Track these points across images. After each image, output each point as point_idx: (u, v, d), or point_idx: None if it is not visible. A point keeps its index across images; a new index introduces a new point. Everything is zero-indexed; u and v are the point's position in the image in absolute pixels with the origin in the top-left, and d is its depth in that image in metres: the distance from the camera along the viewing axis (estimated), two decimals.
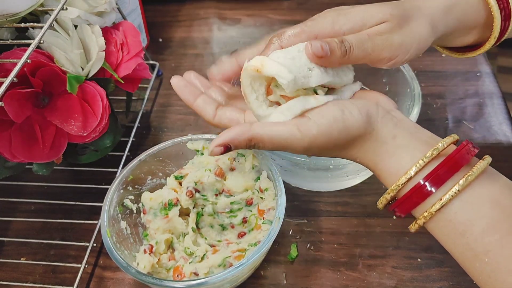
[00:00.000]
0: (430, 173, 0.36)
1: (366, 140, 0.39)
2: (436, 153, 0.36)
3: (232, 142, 0.39)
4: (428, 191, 0.35)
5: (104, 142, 0.56)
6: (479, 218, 0.34)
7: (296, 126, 0.39)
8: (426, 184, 0.35)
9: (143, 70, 0.59)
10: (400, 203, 0.37)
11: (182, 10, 0.91)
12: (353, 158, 0.41)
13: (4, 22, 0.47)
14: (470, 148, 0.36)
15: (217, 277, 0.42)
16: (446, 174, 0.35)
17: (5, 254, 0.56)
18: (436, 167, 0.35)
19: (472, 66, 0.74)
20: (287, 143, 0.39)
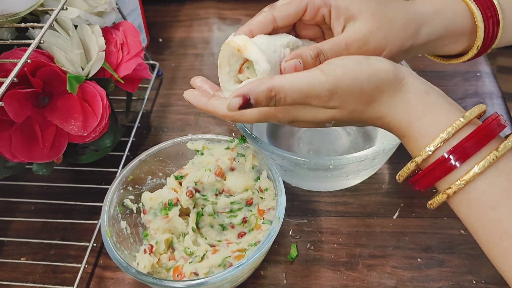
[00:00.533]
0: (457, 145, 0.34)
1: (398, 89, 0.36)
2: (467, 121, 0.34)
3: (251, 93, 0.35)
4: (452, 165, 0.34)
5: (104, 142, 0.56)
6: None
7: (319, 69, 0.36)
8: (450, 158, 0.33)
9: (143, 70, 0.59)
10: (423, 175, 0.35)
11: (182, 10, 0.91)
12: (383, 118, 0.37)
13: (4, 22, 0.47)
14: (501, 121, 0.34)
15: (217, 277, 0.42)
16: (474, 146, 0.33)
17: (5, 254, 0.56)
18: (464, 138, 0.33)
19: (472, 66, 0.74)
20: (309, 88, 0.35)
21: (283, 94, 0.35)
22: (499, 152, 0.33)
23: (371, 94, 0.36)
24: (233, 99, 0.35)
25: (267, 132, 0.63)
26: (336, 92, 0.35)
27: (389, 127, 0.38)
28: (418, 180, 0.36)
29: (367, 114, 0.37)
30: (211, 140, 0.53)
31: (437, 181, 0.35)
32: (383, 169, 0.61)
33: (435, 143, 0.34)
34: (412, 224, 0.55)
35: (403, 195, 0.58)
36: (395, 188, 0.59)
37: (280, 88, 0.35)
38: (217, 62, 0.43)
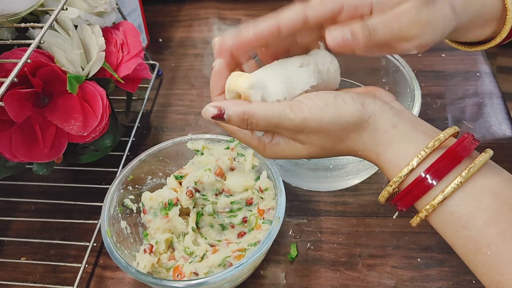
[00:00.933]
0: (431, 165, 0.35)
1: (363, 128, 0.38)
2: (438, 144, 0.35)
3: (228, 109, 0.38)
4: (430, 184, 0.35)
5: (104, 142, 0.56)
6: (482, 210, 0.34)
7: (289, 106, 0.38)
8: (427, 177, 0.35)
9: (143, 70, 0.59)
10: (402, 196, 0.37)
11: (182, 10, 0.91)
12: (353, 152, 0.40)
13: (4, 22, 0.47)
14: (471, 140, 0.36)
15: (217, 276, 0.42)
16: (447, 166, 0.35)
17: (5, 254, 0.56)
18: (437, 159, 0.35)
19: (472, 66, 0.74)
20: (279, 121, 0.38)
21: (255, 120, 0.38)
22: (468, 173, 0.34)
23: (337, 135, 0.38)
24: (210, 107, 0.38)
25: None
26: (302, 130, 0.38)
27: (362, 157, 0.40)
28: (399, 200, 0.37)
29: (338, 149, 0.40)
30: (211, 140, 0.53)
31: (416, 201, 0.36)
32: None
33: (402, 173, 0.36)
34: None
35: None
36: None
37: (253, 114, 0.38)
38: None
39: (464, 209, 0.34)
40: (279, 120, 0.37)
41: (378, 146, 0.38)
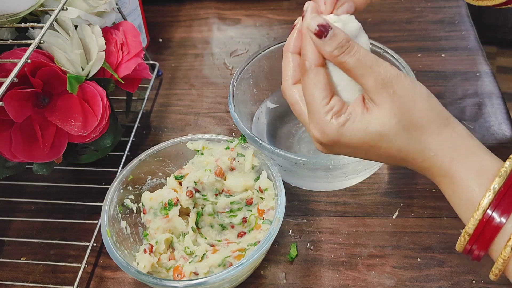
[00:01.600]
0: (496, 200, 0.32)
1: (444, 125, 0.35)
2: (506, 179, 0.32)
3: (335, 29, 0.35)
4: (498, 222, 0.31)
5: (104, 142, 0.56)
6: None
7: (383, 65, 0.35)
8: (494, 216, 0.31)
9: (143, 70, 0.59)
10: (476, 239, 0.33)
11: (182, 10, 0.91)
12: (427, 149, 0.35)
13: (4, 22, 0.47)
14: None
15: (217, 276, 0.42)
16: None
17: (5, 254, 0.56)
18: (500, 192, 0.32)
19: (472, 66, 0.74)
20: (377, 63, 0.35)
21: (355, 51, 0.35)
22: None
23: (421, 116, 0.35)
24: (315, 18, 0.35)
25: (267, 132, 0.63)
26: (393, 84, 0.34)
27: (430, 162, 0.36)
28: (476, 243, 0.33)
29: (413, 137, 0.35)
30: (211, 140, 0.53)
31: (490, 245, 0.33)
32: (383, 169, 0.61)
33: (487, 198, 0.32)
34: (411, 224, 0.55)
35: (402, 195, 0.58)
36: (394, 188, 0.59)
37: (356, 45, 0.35)
38: (216, 62, 0.43)
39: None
40: (377, 62, 0.35)
41: (455, 150, 0.35)
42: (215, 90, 0.74)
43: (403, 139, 0.35)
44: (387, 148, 0.36)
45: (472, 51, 0.76)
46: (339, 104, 0.36)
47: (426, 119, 0.35)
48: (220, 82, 0.75)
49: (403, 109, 0.35)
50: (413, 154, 0.36)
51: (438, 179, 0.36)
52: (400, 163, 0.37)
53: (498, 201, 0.31)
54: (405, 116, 0.35)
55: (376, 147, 0.36)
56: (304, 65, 0.37)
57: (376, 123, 0.35)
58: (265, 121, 0.64)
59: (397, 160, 0.37)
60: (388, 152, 0.36)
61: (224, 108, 0.71)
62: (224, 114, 0.70)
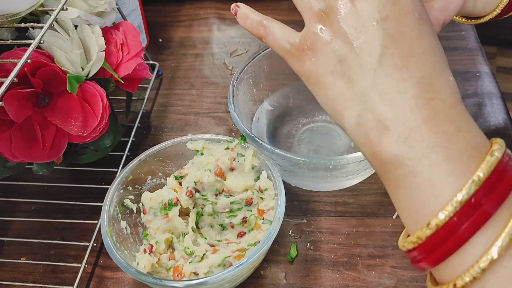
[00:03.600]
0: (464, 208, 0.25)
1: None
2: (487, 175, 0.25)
3: None
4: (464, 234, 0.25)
5: (104, 142, 0.56)
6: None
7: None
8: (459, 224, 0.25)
9: (143, 70, 0.59)
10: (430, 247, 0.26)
11: (182, 10, 0.91)
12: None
13: (4, 22, 0.47)
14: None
15: (217, 276, 0.42)
16: (488, 211, 0.25)
17: (5, 254, 0.56)
18: (474, 199, 0.25)
19: (471, 66, 0.74)
20: None
21: None
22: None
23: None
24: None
25: (267, 132, 0.63)
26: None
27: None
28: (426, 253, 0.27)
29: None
30: (211, 140, 0.53)
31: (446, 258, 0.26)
32: None
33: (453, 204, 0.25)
34: None
35: None
36: None
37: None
38: (216, 62, 0.43)
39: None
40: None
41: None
42: (215, 90, 0.74)
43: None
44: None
45: (472, 51, 0.76)
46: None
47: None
48: (220, 82, 0.75)
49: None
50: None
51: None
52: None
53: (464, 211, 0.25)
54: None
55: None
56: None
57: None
58: (265, 121, 0.64)
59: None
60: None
61: (224, 108, 0.71)
62: (224, 114, 0.70)
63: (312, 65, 0.33)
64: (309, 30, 0.33)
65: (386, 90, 0.28)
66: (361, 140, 0.30)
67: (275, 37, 0.36)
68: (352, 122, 0.30)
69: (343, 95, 0.31)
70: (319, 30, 0.32)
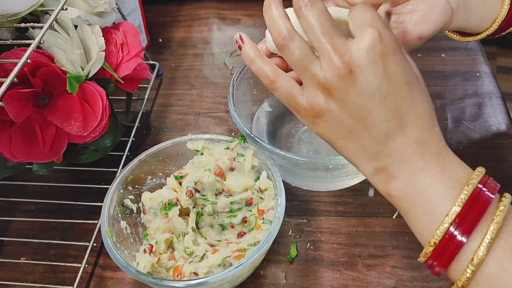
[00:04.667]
0: (458, 218, 0.33)
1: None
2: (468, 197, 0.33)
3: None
4: (460, 241, 0.33)
5: (104, 142, 0.56)
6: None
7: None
8: (455, 234, 0.33)
9: (143, 70, 0.59)
10: (438, 254, 0.34)
11: (182, 10, 0.91)
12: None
13: (4, 22, 0.47)
14: (493, 186, 0.34)
15: (217, 276, 0.42)
16: (475, 218, 0.33)
17: (5, 254, 0.56)
18: (462, 210, 0.33)
19: (472, 66, 0.74)
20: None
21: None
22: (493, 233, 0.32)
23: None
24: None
25: (267, 132, 0.63)
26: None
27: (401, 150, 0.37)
28: (437, 259, 0.35)
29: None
30: (211, 140, 0.53)
31: (451, 262, 0.34)
32: None
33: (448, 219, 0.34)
34: None
35: None
36: None
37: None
38: (216, 62, 0.43)
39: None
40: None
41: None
42: (215, 90, 0.74)
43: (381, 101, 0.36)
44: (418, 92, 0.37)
45: (472, 51, 0.76)
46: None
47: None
48: (220, 82, 0.75)
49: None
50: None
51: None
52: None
53: (459, 221, 0.33)
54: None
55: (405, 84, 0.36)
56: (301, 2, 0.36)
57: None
58: (265, 121, 0.64)
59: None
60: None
61: (224, 108, 0.71)
62: (224, 114, 0.70)
63: (322, 130, 0.38)
64: (314, 99, 0.37)
65: (391, 151, 0.36)
66: (376, 184, 0.38)
67: (281, 93, 0.39)
68: (368, 172, 0.38)
69: (357, 154, 0.38)
70: (324, 101, 0.36)
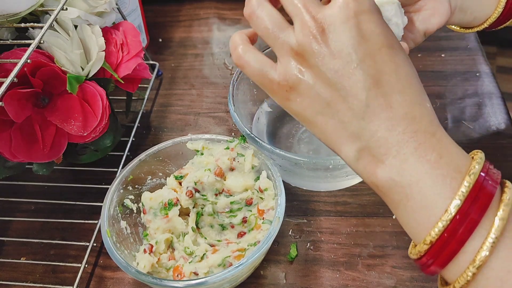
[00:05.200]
0: (460, 210, 0.28)
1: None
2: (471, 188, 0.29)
3: None
4: (463, 235, 0.28)
5: (104, 142, 0.56)
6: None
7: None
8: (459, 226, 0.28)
9: (143, 70, 0.59)
10: (437, 251, 0.29)
11: (182, 10, 0.91)
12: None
13: (4, 22, 0.47)
14: (496, 175, 0.30)
15: (217, 276, 0.42)
16: (480, 212, 0.28)
17: (5, 254, 0.56)
18: (465, 202, 0.28)
19: (472, 66, 0.74)
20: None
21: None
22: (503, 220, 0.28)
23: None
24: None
25: (267, 132, 0.63)
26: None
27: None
28: (434, 257, 0.30)
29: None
30: (211, 140, 0.53)
31: (449, 262, 0.29)
32: None
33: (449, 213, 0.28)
34: None
35: None
36: None
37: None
38: (216, 62, 0.43)
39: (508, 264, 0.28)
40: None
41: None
42: (215, 90, 0.74)
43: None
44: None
45: (472, 51, 0.76)
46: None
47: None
48: (220, 82, 0.75)
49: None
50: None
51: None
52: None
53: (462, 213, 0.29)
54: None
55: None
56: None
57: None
58: (265, 121, 0.64)
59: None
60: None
61: (224, 108, 0.71)
62: (224, 114, 0.70)
63: (298, 106, 0.33)
64: (288, 70, 0.33)
65: (377, 129, 0.31)
66: (360, 171, 0.33)
67: (251, 70, 0.35)
68: (350, 156, 0.32)
69: (336, 134, 0.32)
70: (298, 71, 0.32)
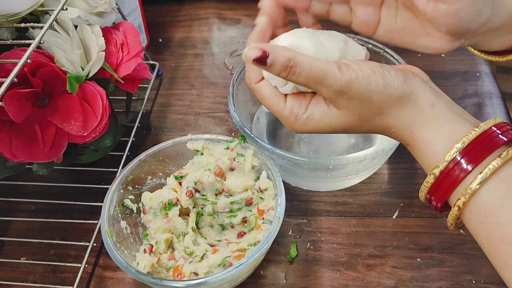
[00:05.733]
0: (466, 148, 0.34)
1: (404, 104, 0.37)
2: (480, 132, 0.35)
3: (273, 53, 0.36)
4: (465, 169, 0.34)
5: (104, 142, 0.56)
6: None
7: (336, 64, 0.37)
8: (461, 162, 0.34)
9: (143, 70, 0.59)
10: (436, 187, 0.36)
11: (182, 10, 0.91)
12: (388, 129, 0.39)
13: (4, 22, 0.47)
14: (509, 128, 0.35)
15: (217, 276, 0.42)
16: (484, 150, 0.34)
17: (5, 254, 0.56)
18: (472, 142, 0.34)
19: (472, 66, 0.74)
20: (324, 76, 0.36)
21: (300, 70, 0.36)
22: (502, 159, 0.33)
23: (379, 106, 0.37)
24: (253, 49, 0.36)
25: (267, 132, 0.63)
26: (346, 92, 0.37)
27: (394, 136, 0.40)
28: (434, 193, 0.36)
29: (375, 122, 0.39)
30: (211, 140, 0.53)
31: (451, 192, 0.36)
32: (383, 169, 0.61)
33: (450, 153, 0.35)
34: (411, 224, 0.55)
35: (402, 195, 0.58)
36: (394, 188, 0.59)
37: (299, 63, 0.36)
38: (216, 62, 0.43)
39: (495, 194, 0.33)
40: (324, 75, 0.36)
41: (413, 124, 0.37)
42: (215, 90, 0.74)
43: (367, 126, 0.39)
44: (354, 131, 0.40)
45: None
46: (297, 104, 0.39)
47: (385, 107, 0.38)
48: (220, 82, 0.75)
49: (360, 108, 0.38)
50: (379, 131, 0.40)
51: (406, 147, 0.40)
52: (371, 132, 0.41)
53: (461, 156, 0.34)
54: (364, 112, 0.38)
55: (343, 132, 0.41)
56: (249, 85, 0.41)
57: (338, 121, 0.39)
58: (265, 121, 0.64)
59: (375, 132, 0.40)
60: (357, 132, 0.41)
61: (224, 108, 0.71)
62: (224, 114, 0.70)
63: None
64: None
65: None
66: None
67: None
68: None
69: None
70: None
